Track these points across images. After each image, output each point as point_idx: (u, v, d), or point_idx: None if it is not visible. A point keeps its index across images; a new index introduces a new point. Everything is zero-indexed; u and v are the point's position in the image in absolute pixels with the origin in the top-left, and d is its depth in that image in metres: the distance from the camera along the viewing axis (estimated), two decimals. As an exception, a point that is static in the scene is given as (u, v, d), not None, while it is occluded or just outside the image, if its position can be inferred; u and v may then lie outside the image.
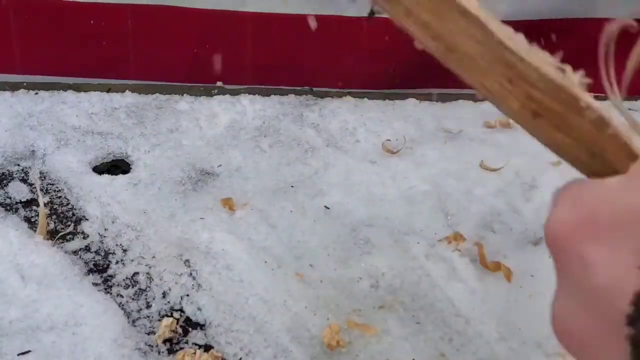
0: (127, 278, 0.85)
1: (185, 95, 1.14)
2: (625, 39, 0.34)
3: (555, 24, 1.15)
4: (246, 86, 1.17)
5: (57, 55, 1.15)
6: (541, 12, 1.15)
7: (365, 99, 1.17)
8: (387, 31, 1.17)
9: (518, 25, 0.32)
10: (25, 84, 1.13)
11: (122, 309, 0.81)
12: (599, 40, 0.32)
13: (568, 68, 0.32)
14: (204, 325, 0.80)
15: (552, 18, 1.16)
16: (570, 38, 1.12)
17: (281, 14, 1.14)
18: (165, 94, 1.14)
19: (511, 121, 1.27)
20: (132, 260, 0.87)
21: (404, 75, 1.21)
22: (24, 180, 0.97)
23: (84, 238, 0.89)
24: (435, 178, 1.01)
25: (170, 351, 0.77)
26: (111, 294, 0.83)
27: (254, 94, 1.16)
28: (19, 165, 0.99)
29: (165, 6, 1.12)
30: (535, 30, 1.13)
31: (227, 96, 1.15)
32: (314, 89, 1.19)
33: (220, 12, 1.14)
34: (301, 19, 1.15)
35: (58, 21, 1.12)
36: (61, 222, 0.91)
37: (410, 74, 1.21)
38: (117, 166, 1.01)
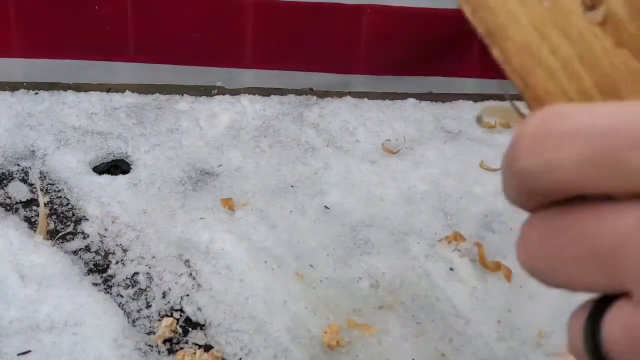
0: (127, 278, 0.85)
1: (185, 95, 1.14)
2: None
3: None
4: (246, 86, 1.17)
5: (57, 40, 1.14)
6: None
7: (365, 99, 1.17)
8: (388, 19, 1.17)
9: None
10: (25, 83, 1.13)
11: (122, 309, 0.81)
12: None
13: None
14: (204, 325, 0.80)
15: None
16: None
17: (283, 2, 1.14)
18: (165, 94, 1.14)
19: (511, 122, 1.27)
20: (132, 260, 0.87)
21: (403, 62, 1.21)
22: (24, 180, 0.97)
23: (84, 238, 0.89)
24: (435, 178, 1.01)
25: (170, 351, 0.77)
26: (111, 294, 0.83)
27: (254, 94, 1.16)
28: (19, 165, 0.99)
29: None
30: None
31: (227, 96, 1.15)
32: (314, 88, 1.19)
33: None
34: (303, 6, 1.14)
35: (59, 5, 1.12)
36: (61, 222, 0.91)
37: (411, 61, 1.21)
38: (117, 166, 1.01)
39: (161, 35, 1.16)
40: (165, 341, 0.78)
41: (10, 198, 0.94)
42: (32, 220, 0.91)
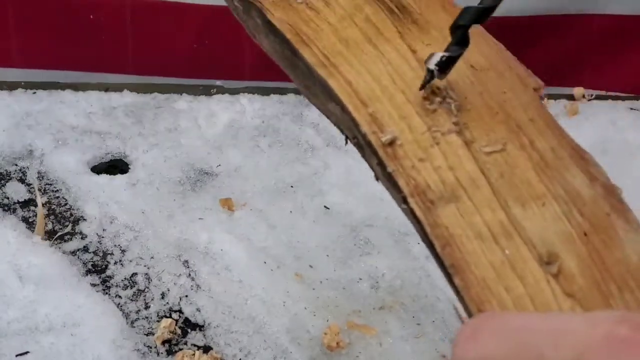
0: (125, 279, 0.84)
1: (183, 94, 1.14)
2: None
3: (549, 20, 1.14)
4: (245, 85, 1.17)
5: (56, 49, 1.14)
6: (536, 9, 1.14)
7: (365, 98, 1.17)
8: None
9: (515, 22, 0.31)
10: (23, 83, 1.12)
11: (121, 309, 0.81)
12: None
13: None
14: (203, 326, 0.80)
15: (548, 14, 1.15)
16: (565, 35, 1.11)
17: None
18: (163, 94, 1.13)
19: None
20: (130, 261, 0.86)
21: None
22: (21, 180, 0.96)
23: (82, 238, 0.89)
24: (436, 178, 1.01)
25: (169, 352, 0.77)
26: (109, 294, 0.82)
27: (253, 93, 1.15)
28: (16, 165, 0.98)
29: (165, 1, 1.12)
30: (536, 27, 1.13)
31: (226, 95, 1.15)
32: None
33: (219, 8, 1.13)
34: None
35: (57, 15, 1.11)
36: (59, 223, 0.91)
37: None
38: (115, 166, 1.01)
39: (159, 47, 1.15)
40: (164, 342, 0.78)
41: (8, 198, 0.94)
42: (30, 220, 0.90)
